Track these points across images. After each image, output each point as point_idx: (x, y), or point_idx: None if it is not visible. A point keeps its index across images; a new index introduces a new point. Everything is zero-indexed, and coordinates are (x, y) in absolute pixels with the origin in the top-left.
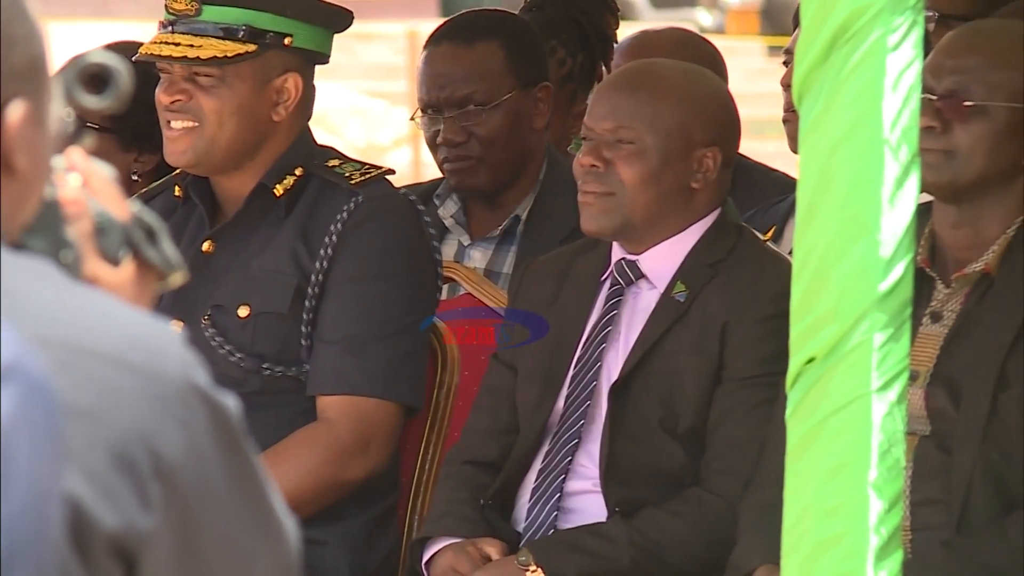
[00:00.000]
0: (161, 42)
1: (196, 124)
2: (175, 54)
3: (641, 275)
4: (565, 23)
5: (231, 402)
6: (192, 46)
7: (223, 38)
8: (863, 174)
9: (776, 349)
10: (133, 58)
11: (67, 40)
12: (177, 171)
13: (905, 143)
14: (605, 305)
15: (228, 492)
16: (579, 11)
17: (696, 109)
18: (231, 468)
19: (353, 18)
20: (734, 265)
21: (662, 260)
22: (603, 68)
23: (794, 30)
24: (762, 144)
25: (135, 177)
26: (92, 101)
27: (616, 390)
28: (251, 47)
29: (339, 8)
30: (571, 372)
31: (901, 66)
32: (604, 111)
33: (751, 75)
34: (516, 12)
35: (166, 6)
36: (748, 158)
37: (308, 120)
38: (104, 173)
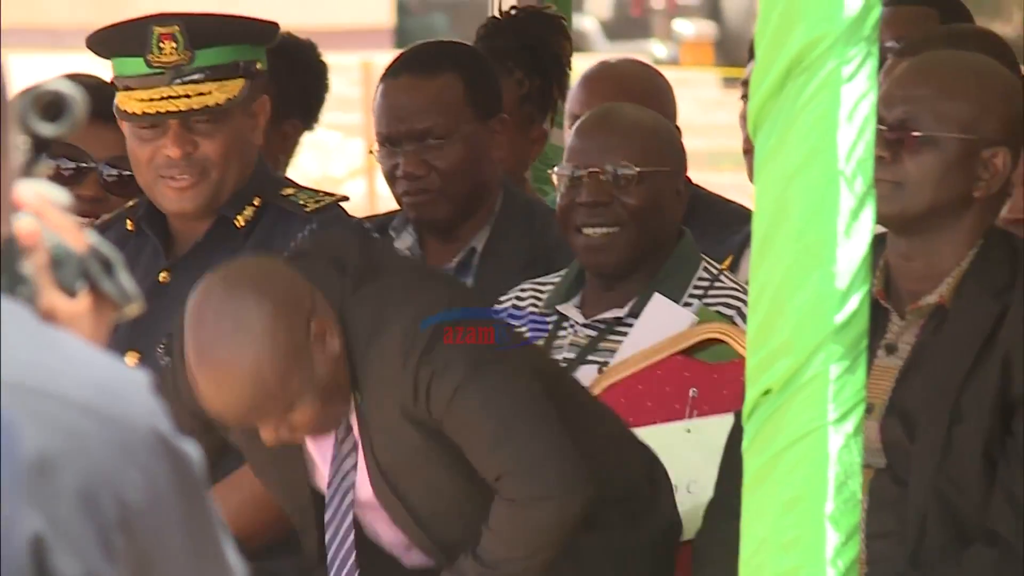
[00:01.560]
0: (160, 98)
1: (202, 172)
2: (183, 107)
3: None
4: (520, 49)
5: (192, 450)
6: (190, 96)
7: (219, 79)
8: (818, 205)
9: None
10: (133, 114)
11: (21, 72)
12: (130, 204)
13: (860, 174)
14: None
15: (184, 542)
16: (533, 37)
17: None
18: (189, 518)
19: (279, 29)
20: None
21: None
22: (558, 92)
23: (749, 61)
24: (718, 176)
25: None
26: (47, 128)
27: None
28: (244, 82)
29: (271, 23)
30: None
31: (856, 97)
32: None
33: (706, 106)
34: (470, 43)
35: (147, 60)
36: (704, 189)
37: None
38: (59, 201)
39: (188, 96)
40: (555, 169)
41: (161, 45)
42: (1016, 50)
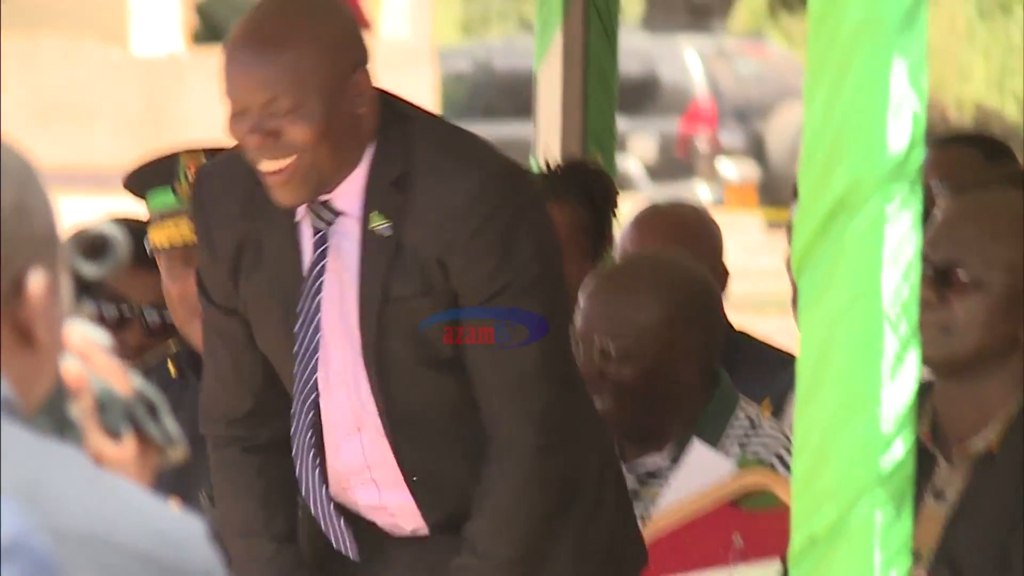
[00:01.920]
0: (188, 229)
1: None
2: None
3: (339, 212)
4: (575, 188)
5: None
6: None
7: None
8: (863, 348)
9: (503, 253)
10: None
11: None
12: (172, 347)
13: (905, 317)
14: (315, 255)
15: None
16: (587, 181)
17: (326, 44)
18: None
19: None
20: (418, 178)
21: (350, 191)
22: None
23: (793, 202)
24: (762, 320)
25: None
26: (91, 269)
27: (367, 347)
28: None
29: None
30: (296, 328)
31: (900, 238)
32: (250, 84)
33: (750, 249)
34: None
35: (176, 191)
36: (747, 334)
37: None
38: (103, 344)
39: None
40: None
41: (187, 174)
42: None
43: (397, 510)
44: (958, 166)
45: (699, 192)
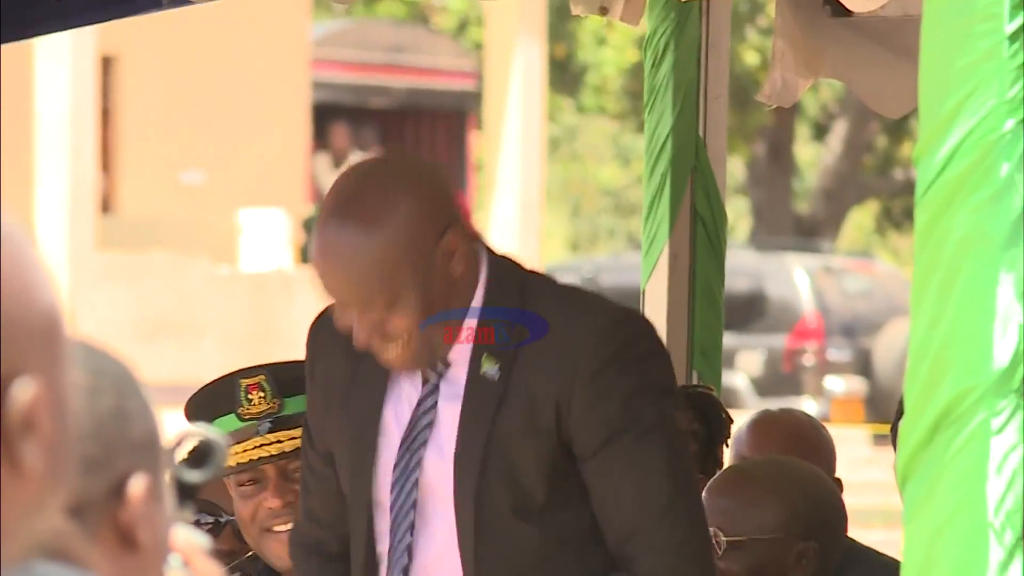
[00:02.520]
0: (255, 447)
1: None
2: (275, 451)
3: (448, 364)
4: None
5: None
6: (282, 441)
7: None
8: (967, 558)
9: (627, 392)
10: (231, 467)
11: (172, 429)
12: (248, 556)
13: (1009, 527)
14: (421, 405)
15: None
16: (699, 400)
17: (405, 237)
18: None
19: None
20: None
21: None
22: (720, 452)
23: (897, 416)
24: (869, 533)
25: None
26: (194, 475)
27: (460, 488)
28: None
29: None
30: (391, 480)
31: (1005, 449)
32: (344, 294)
33: (856, 464)
34: None
35: (238, 415)
36: (857, 542)
37: None
38: (203, 547)
39: (280, 441)
40: None
41: (249, 396)
42: None
43: None
44: None
45: (805, 407)
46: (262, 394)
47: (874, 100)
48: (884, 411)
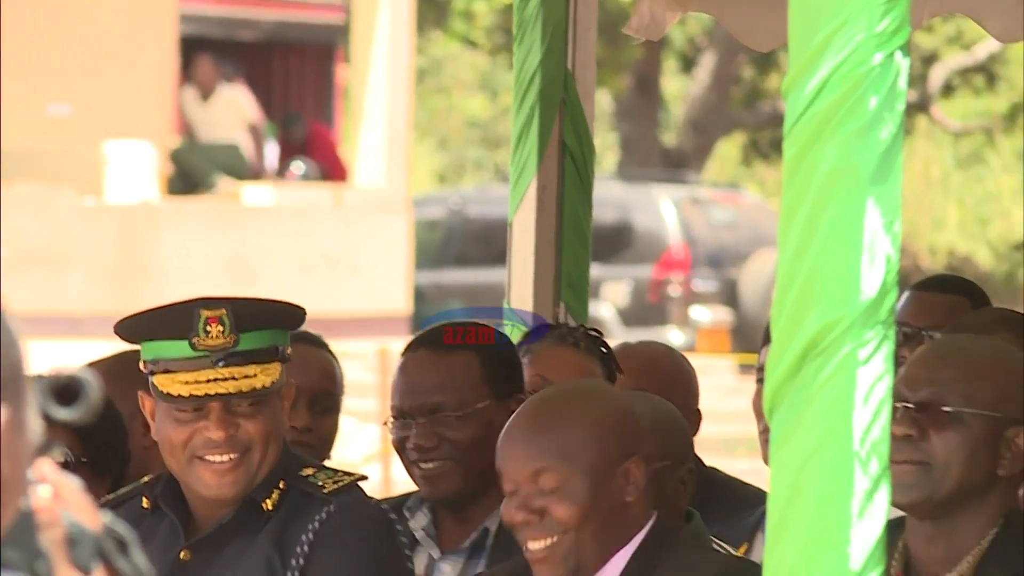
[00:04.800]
0: (206, 380)
1: (244, 453)
2: (231, 389)
3: None
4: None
5: None
6: (236, 378)
7: (261, 362)
8: (833, 487)
9: None
10: (177, 397)
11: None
12: (145, 480)
13: (875, 456)
14: None
15: None
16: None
17: (602, 428)
18: None
19: (306, 315)
20: (669, 558)
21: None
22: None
23: (764, 346)
24: (733, 462)
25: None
26: (63, 413)
27: None
28: (280, 365)
29: (302, 308)
30: None
31: (872, 380)
32: (521, 458)
33: (722, 393)
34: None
35: (192, 344)
36: (720, 472)
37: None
38: (73, 484)
39: (234, 379)
40: None
41: (208, 328)
42: None
43: None
44: (949, 312)
45: (671, 337)
46: (221, 328)
47: (744, 34)
48: (750, 341)
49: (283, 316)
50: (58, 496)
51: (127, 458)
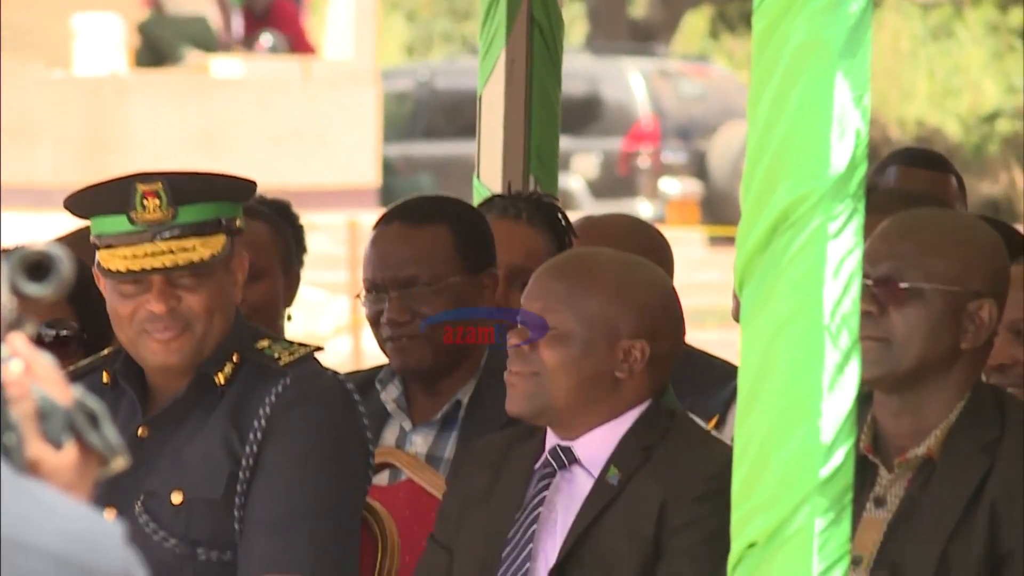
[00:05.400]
0: (144, 255)
1: (186, 325)
2: (168, 263)
3: (575, 460)
4: (541, 211)
5: None
6: (174, 252)
7: (202, 235)
8: (803, 360)
9: (714, 528)
10: (117, 272)
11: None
12: (104, 353)
13: (845, 329)
14: (537, 486)
15: None
16: (549, 206)
17: (625, 300)
18: None
19: (256, 187)
20: (668, 447)
21: (596, 446)
22: None
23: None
24: (702, 333)
25: None
26: (33, 289)
27: (555, 575)
28: (225, 238)
29: (250, 180)
30: (504, 553)
31: (842, 253)
32: (534, 293)
33: (691, 265)
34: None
35: (130, 218)
36: (690, 345)
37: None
38: (45, 359)
39: (172, 252)
40: None
41: (144, 203)
42: (1000, 208)
43: None
44: (935, 189)
45: (640, 209)
46: (158, 202)
47: None
48: (719, 213)
49: (224, 189)
50: (29, 370)
51: None
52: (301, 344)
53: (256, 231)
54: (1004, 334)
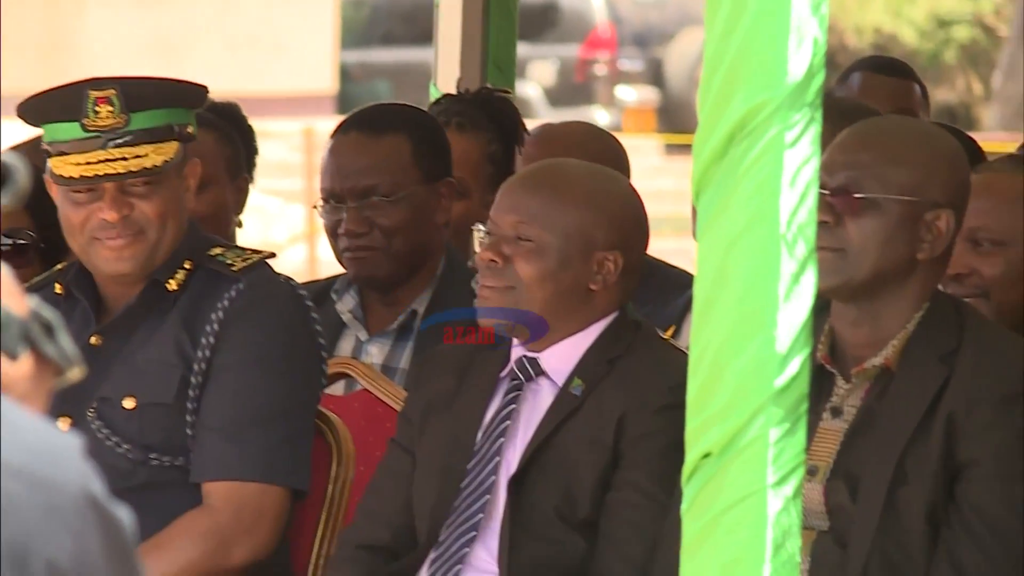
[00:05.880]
0: (97, 161)
1: (138, 233)
2: (120, 170)
3: (541, 372)
4: (487, 117)
5: (124, 514)
6: (127, 159)
7: (154, 141)
8: (759, 269)
9: (674, 439)
10: (70, 178)
11: None
12: (58, 268)
13: (802, 238)
14: (504, 399)
15: None
16: (497, 110)
17: (599, 212)
18: None
19: (208, 92)
20: (631, 359)
21: (562, 357)
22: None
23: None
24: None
25: None
26: None
27: (514, 483)
28: (178, 144)
29: (202, 86)
30: (469, 465)
31: (799, 162)
32: (507, 206)
33: (647, 173)
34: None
35: (83, 125)
36: (648, 255)
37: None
38: (1, 269)
39: (125, 159)
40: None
41: (97, 109)
42: (958, 115)
43: None
44: (900, 96)
45: (597, 117)
46: (110, 108)
47: None
48: (676, 121)
49: (177, 95)
50: None
51: None
52: (254, 251)
53: (201, 139)
54: (961, 243)
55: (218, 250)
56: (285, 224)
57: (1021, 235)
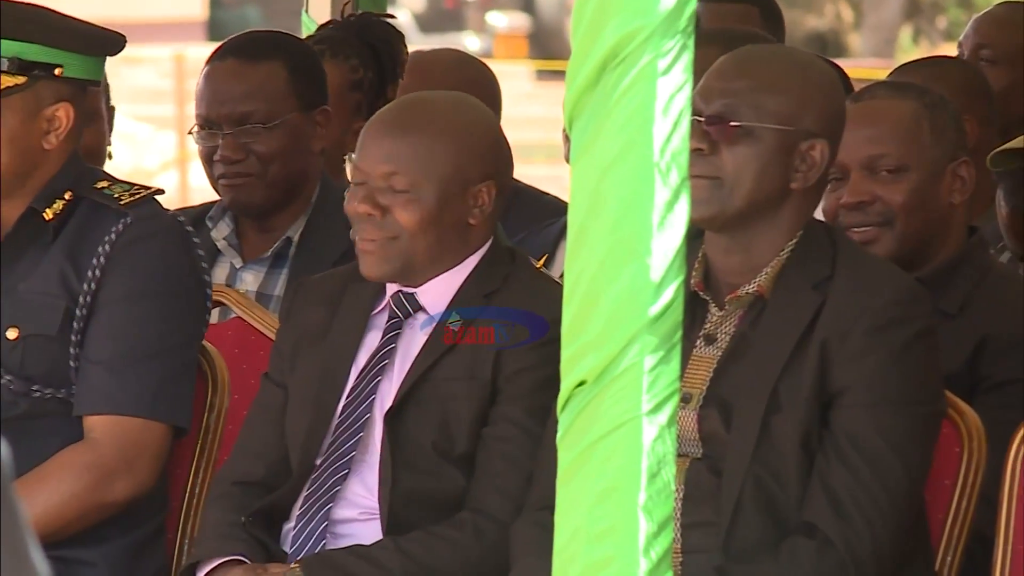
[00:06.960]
0: None
1: None
2: None
3: (419, 307)
4: (361, 43)
5: (3, 450)
6: None
7: None
8: (633, 197)
9: (550, 373)
10: None
11: None
12: None
13: (675, 167)
14: (383, 338)
15: None
16: (374, 37)
17: (469, 146)
18: None
19: (126, 42)
20: (507, 294)
21: (439, 293)
22: (392, 92)
23: None
24: (531, 168)
25: None
26: None
27: (391, 418)
28: (20, 79)
29: (111, 33)
30: (343, 402)
31: (671, 90)
32: (377, 155)
33: (519, 99)
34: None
35: None
36: (520, 182)
37: (78, 144)
38: None
39: None
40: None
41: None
42: (827, 42)
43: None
44: (737, 22)
45: (468, 43)
46: None
47: None
48: (547, 47)
49: (15, 25)
50: None
51: None
52: (143, 186)
53: None
54: (858, 172)
55: (104, 183)
56: (156, 151)
57: (920, 161)
